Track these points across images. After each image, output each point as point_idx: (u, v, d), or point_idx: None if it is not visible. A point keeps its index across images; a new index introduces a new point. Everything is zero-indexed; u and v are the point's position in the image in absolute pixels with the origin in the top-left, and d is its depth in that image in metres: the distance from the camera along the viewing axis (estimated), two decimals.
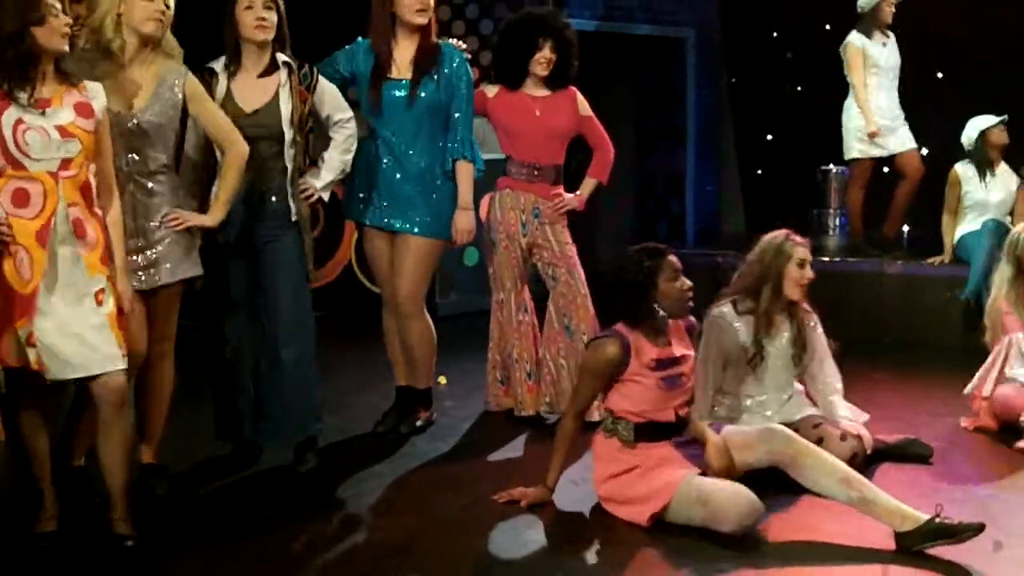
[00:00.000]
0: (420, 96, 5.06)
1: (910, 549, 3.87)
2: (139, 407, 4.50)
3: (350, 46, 5.22)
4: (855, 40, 7.67)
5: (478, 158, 5.20)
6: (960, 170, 7.30)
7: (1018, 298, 5.43)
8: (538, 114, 5.48)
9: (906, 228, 8.22)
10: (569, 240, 5.56)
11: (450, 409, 5.72)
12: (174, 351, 4.55)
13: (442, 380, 6.02)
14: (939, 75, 8.76)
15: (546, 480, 4.36)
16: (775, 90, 9.70)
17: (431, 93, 5.09)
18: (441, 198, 5.17)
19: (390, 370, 5.49)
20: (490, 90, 5.54)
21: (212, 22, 4.69)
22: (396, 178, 5.13)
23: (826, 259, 7.68)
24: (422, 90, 5.07)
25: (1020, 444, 5.06)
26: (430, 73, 5.09)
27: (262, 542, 4.06)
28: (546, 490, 4.36)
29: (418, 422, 5.39)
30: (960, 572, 3.77)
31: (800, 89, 9.59)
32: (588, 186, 5.65)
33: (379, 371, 5.83)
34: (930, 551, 3.85)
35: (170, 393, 4.57)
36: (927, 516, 3.88)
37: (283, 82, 4.66)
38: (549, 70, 5.46)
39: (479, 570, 3.87)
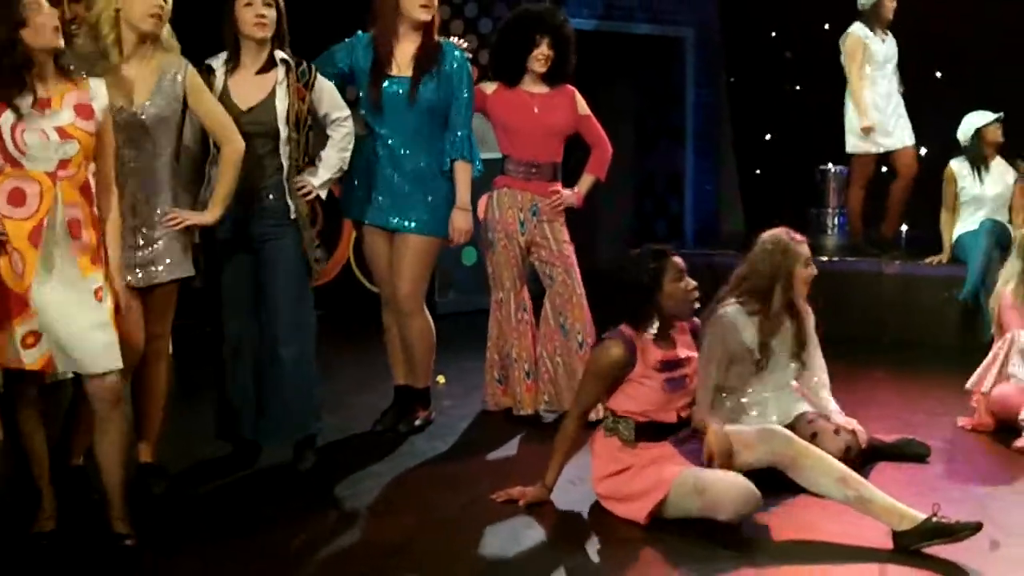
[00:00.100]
0: (420, 94, 5.06)
1: (908, 548, 3.88)
2: (136, 406, 4.50)
3: (349, 40, 5.20)
4: (857, 30, 7.64)
5: (477, 157, 5.19)
6: (955, 167, 7.31)
7: None
8: (536, 111, 5.47)
9: (904, 227, 8.22)
10: (567, 239, 5.55)
11: (448, 408, 5.72)
12: (172, 350, 4.54)
13: (440, 379, 6.02)
14: (938, 74, 8.76)
15: (545, 479, 4.36)
16: (774, 90, 9.69)
17: (431, 92, 5.08)
18: (439, 196, 5.16)
19: (388, 369, 5.49)
20: (488, 87, 5.53)
21: (210, 19, 4.68)
22: (394, 177, 5.13)
23: (825, 258, 7.66)
24: (422, 88, 5.07)
25: (1017, 443, 5.07)
26: (430, 71, 5.08)
27: (261, 541, 4.06)
28: (544, 489, 4.36)
29: (416, 421, 5.39)
30: (957, 571, 3.78)
31: (799, 89, 9.59)
32: (586, 183, 5.65)
33: (378, 370, 5.83)
34: (927, 550, 3.86)
35: (167, 391, 4.57)
36: (924, 515, 3.88)
37: (280, 79, 4.64)
38: (547, 67, 5.45)
39: (477, 569, 3.87)
